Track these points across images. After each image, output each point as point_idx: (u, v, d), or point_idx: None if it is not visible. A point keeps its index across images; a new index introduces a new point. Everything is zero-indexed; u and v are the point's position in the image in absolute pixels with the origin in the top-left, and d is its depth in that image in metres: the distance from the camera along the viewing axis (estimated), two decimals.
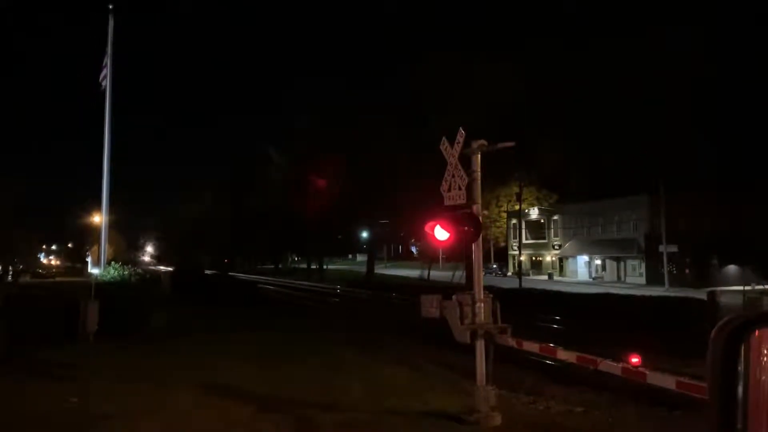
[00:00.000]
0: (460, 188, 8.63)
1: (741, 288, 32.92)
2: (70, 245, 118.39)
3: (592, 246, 64.26)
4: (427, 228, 8.55)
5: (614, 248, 60.80)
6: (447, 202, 8.81)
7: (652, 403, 9.92)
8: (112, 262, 20.13)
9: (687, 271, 52.36)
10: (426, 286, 44.96)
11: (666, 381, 6.68)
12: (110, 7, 21.50)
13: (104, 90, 21.45)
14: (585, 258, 66.33)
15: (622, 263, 61.53)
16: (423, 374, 12.50)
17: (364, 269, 74.11)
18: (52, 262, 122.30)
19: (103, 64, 21.36)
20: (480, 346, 8.41)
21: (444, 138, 8.86)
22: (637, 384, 10.16)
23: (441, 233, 8.40)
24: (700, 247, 50.81)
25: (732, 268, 51.12)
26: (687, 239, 51.41)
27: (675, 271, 52.20)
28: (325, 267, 79.91)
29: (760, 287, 35.30)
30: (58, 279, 63.22)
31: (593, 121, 49.80)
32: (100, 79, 21.32)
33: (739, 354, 1.19)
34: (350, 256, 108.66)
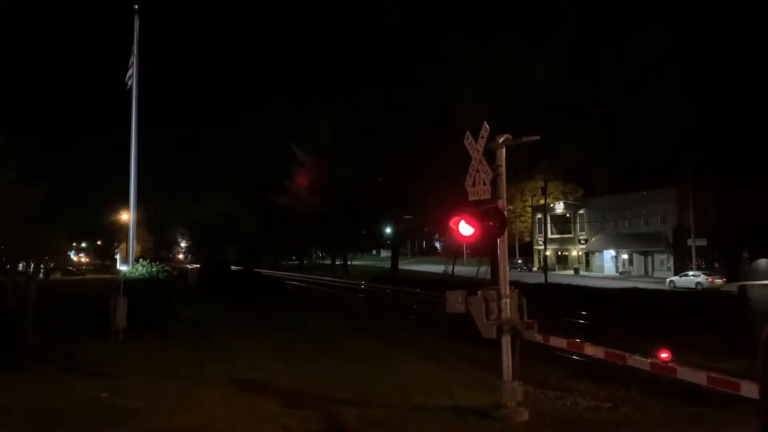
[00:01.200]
0: (484, 183, 8.57)
1: None
2: (99, 242, 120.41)
3: (618, 240, 63.44)
4: (451, 223, 8.49)
5: (641, 242, 59.95)
6: (471, 197, 8.76)
7: (682, 399, 9.77)
8: (140, 259, 20.41)
9: (716, 264, 51.39)
10: (450, 281, 44.81)
11: (697, 376, 6.57)
12: (135, 7, 21.80)
13: (130, 89, 21.75)
14: (612, 252, 65.53)
15: (649, 257, 60.66)
16: (449, 369, 12.47)
17: (388, 265, 74.15)
18: (82, 260, 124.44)
19: (129, 63, 21.64)
20: (506, 341, 8.36)
21: (468, 133, 8.80)
22: (666, 379, 10.03)
23: (465, 228, 8.34)
24: (730, 239, 49.81)
25: (764, 262, 50.04)
26: (716, 232, 50.45)
27: (704, 265, 51.28)
28: (349, 263, 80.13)
29: None
30: (88, 276, 64.34)
31: (619, 113, 49.05)
32: (126, 78, 21.61)
33: None
34: (374, 251, 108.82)
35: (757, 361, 1.27)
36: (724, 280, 44.14)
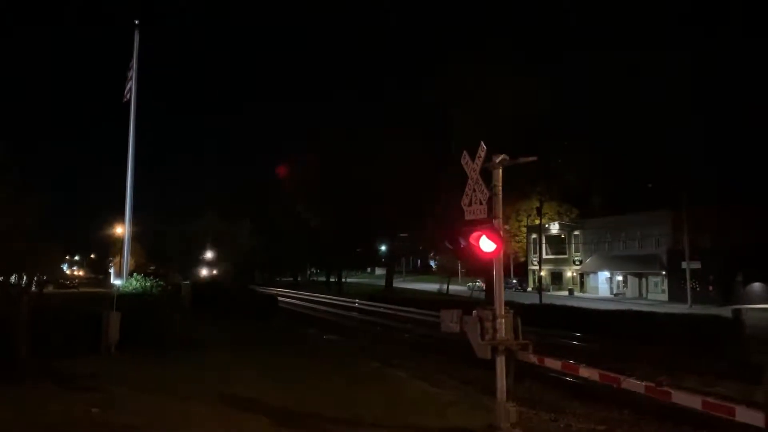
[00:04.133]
0: (481, 203, 8.59)
1: (767, 306, 32.29)
2: (92, 256, 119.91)
3: (613, 261, 63.53)
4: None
5: (636, 264, 60.04)
6: (468, 217, 8.78)
7: (675, 422, 9.74)
8: (134, 274, 20.34)
9: (710, 288, 51.46)
10: (445, 300, 44.70)
11: (692, 401, 6.55)
12: (136, 22, 21.96)
13: (128, 102, 21.84)
14: (606, 274, 65.58)
15: (644, 279, 60.73)
16: (443, 390, 12.40)
17: (382, 282, 74.04)
18: (75, 273, 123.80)
19: (128, 77, 21.74)
20: (501, 362, 8.33)
21: (465, 152, 8.84)
22: (661, 403, 10.01)
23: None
24: (725, 263, 49.95)
25: (757, 286, 50.15)
26: (711, 255, 50.62)
27: (698, 288, 51.33)
28: (343, 280, 79.94)
29: None
30: (81, 290, 63.91)
31: (615, 136, 49.45)
32: (125, 92, 21.70)
33: None
34: (369, 269, 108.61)
35: (763, 388, 1.24)
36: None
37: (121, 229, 39.50)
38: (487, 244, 8.24)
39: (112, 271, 52.54)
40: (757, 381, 13.24)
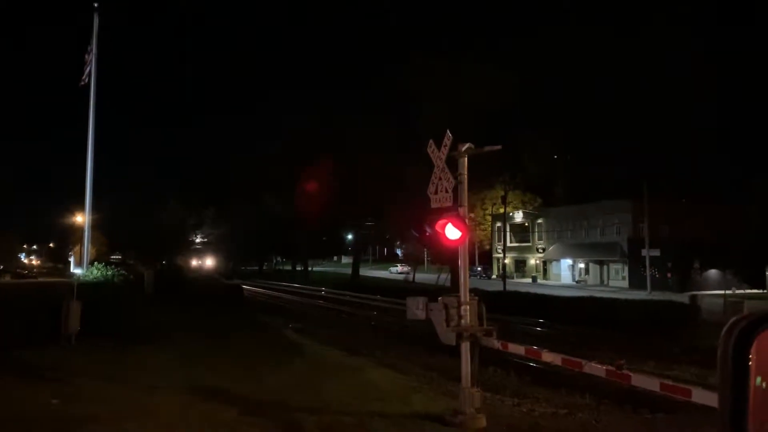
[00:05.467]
0: (447, 191, 8.65)
1: (722, 292, 33.30)
2: (51, 245, 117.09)
3: (575, 249, 64.68)
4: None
5: (597, 252, 61.24)
6: (434, 205, 8.83)
7: (635, 406, 10.00)
8: (95, 263, 19.94)
9: (669, 275, 52.82)
10: (411, 288, 44.97)
11: (650, 383, 6.74)
12: (95, 5, 21.39)
13: (86, 86, 21.31)
14: (569, 261, 66.74)
15: (605, 267, 61.98)
16: (408, 376, 12.51)
17: (349, 271, 74.02)
18: (33, 262, 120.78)
19: (87, 60, 21.20)
20: (465, 348, 8.42)
21: (431, 141, 8.88)
22: (619, 386, 10.27)
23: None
24: (682, 251, 51.32)
25: (713, 273, 51.66)
26: (669, 244, 51.92)
27: (657, 275, 52.63)
28: (310, 269, 79.62)
29: (741, 291, 35.71)
30: (40, 279, 62.36)
31: (579, 126, 50.23)
32: (84, 76, 21.16)
33: (749, 352, 1.19)
34: (335, 257, 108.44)
35: (717, 363, 1.28)
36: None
37: (81, 218, 38.66)
38: (452, 232, 8.30)
39: (72, 260, 51.41)
40: (712, 365, 13.69)
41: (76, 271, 28.07)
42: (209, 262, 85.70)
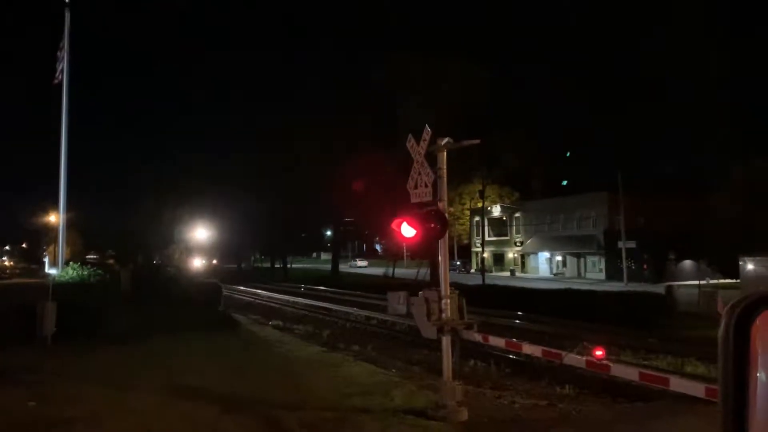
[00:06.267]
0: (426, 185, 8.67)
1: (696, 282, 33.88)
2: (24, 245, 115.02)
3: (553, 242, 65.26)
4: (393, 225, 8.51)
5: (574, 244, 61.85)
6: (413, 200, 8.84)
7: (614, 395, 10.13)
8: (71, 263, 19.65)
9: (645, 266, 53.55)
10: (391, 283, 45.03)
11: (629, 373, 6.85)
12: (66, 1, 21.05)
13: (59, 84, 20.97)
14: (546, 254, 67.32)
15: (582, 259, 62.63)
16: (389, 371, 12.52)
17: (328, 267, 73.87)
18: (6, 263, 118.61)
19: (59, 58, 20.86)
20: (446, 342, 8.46)
21: (410, 135, 8.89)
22: (598, 377, 10.40)
23: (407, 230, 8.39)
24: (658, 243, 52.05)
25: (688, 263, 52.46)
26: (645, 235, 52.62)
27: (633, 267, 53.34)
28: (289, 265, 79.30)
29: (715, 281, 36.33)
30: (15, 280, 61.29)
31: (555, 121, 50.66)
32: (57, 73, 20.82)
33: (750, 334, 1.20)
34: (314, 254, 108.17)
35: (718, 346, 1.29)
36: None
37: (55, 217, 38.05)
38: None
39: (46, 260, 50.61)
40: (688, 354, 13.92)
41: (51, 271, 27.64)
42: (189, 260, 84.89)
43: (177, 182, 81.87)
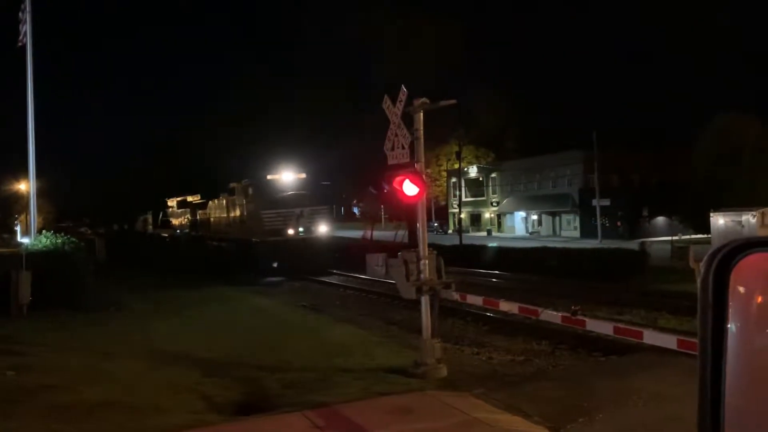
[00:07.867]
0: (403, 147, 8.63)
1: (669, 238, 34.52)
2: None
3: (528, 202, 65.80)
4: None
5: (550, 203, 62.43)
6: (390, 161, 8.81)
7: (589, 350, 10.37)
8: (44, 231, 19.33)
9: (619, 224, 54.33)
10: (370, 246, 45.13)
11: (604, 327, 7.00)
12: None
13: (23, 47, 20.30)
14: (522, 214, 67.92)
15: (557, 218, 63.32)
16: (370, 331, 12.65)
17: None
18: None
19: (21, 19, 20.13)
20: (425, 301, 8.55)
21: (386, 96, 8.80)
22: (573, 332, 10.63)
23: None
24: (632, 200, 52.75)
25: (661, 220, 53.34)
26: (619, 193, 53.25)
27: (608, 224, 54.09)
28: None
29: (687, 237, 37.05)
30: None
31: (530, 80, 50.53)
32: (21, 36, 20.12)
33: (728, 283, 1.21)
34: None
35: (698, 298, 1.30)
36: None
37: (25, 186, 37.30)
38: (410, 188, 8.32)
39: (18, 229, 49.79)
40: (661, 308, 14.26)
41: (24, 240, 27.22)
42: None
43: (152, 147, 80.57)
